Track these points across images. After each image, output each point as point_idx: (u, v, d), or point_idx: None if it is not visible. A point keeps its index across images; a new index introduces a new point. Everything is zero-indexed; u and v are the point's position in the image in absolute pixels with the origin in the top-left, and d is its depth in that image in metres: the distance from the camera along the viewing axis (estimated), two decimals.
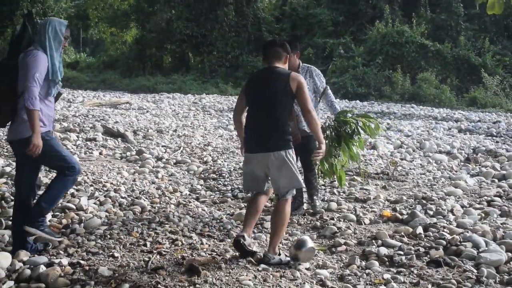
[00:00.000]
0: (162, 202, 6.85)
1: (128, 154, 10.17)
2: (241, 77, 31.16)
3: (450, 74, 27.58)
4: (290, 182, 4.85)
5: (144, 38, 37.20)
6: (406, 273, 4.65)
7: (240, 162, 9.59)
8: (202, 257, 4.83)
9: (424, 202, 6.97)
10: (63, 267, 4.48)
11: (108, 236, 5.40)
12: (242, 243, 4.67)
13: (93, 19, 43.97)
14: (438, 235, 5.54)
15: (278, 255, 4.78)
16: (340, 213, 6.53)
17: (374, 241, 5.44)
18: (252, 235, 5.00)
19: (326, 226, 5.94)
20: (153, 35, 35.76)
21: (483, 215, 6.40)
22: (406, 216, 6.32)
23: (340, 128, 6.25)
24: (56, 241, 5.07)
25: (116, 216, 6.18)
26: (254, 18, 34.71)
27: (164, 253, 4.94)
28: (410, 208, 6.72)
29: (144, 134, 12.46)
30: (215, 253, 4.98)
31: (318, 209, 6.52)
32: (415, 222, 5.99)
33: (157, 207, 6.62)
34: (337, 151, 6.32)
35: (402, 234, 5.67)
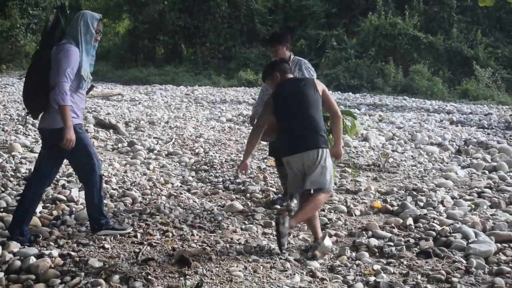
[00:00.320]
0: (153, 194, 6.84)
1: (119, 145, 10.15)
2: (233, 68, 31.11)
3: (442, 66, 27.62)
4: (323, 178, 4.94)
5: (136, 30, 37.05)
6: (396, 264, 4.67)
7: (231, 154, 9.60)
8: (192, 248, 4.84)
9: (414, 193, 7.00)
10: (53, 259, 4.47)
11: None
12: None
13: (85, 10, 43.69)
14: (428, 226, 5.57)
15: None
16: (331, 204, 6.55)
17: (364, 232, 5.47)
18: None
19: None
20: (145, 27, 35.64)
21: (473, 207, 6.43)
22: (397, 207, 6.35)
23: None
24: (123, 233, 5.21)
25: (107, 207, 6.14)
26: (247, 9, 34.62)
27: (154, 244, 4.94)
28: (401, 199, 6.75)
29: (136, 126, 12.44)
30: (206, 244, 4.99)
31: (292, 208, 6.13)
32: (406, 213, 6.02)
33: (148, 199, 6.61)
34: None
35: (393, 225, 5.70)
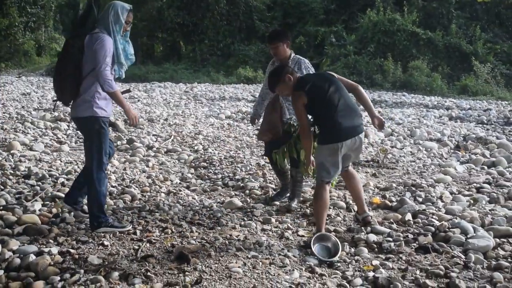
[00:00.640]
0: (152, 191, 6.85)
1: (118, 143, 10.15)
2: (232, 65, 31.04)
3: (441, 62, 27.56)
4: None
5: (135, 27, 36.87)
6: (394, 259, 4.69)
7: (230, 151, 9.61)
8: (192, 245, 4.85)
9: (413, 189, 7.02)
10: (53, 256, 4.48)
11: None
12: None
13: (83, 8, 43.60)
14: (427, 222, 5.58)
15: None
16: (330, 200, 6.54)
17: (363, 228, 5.47)
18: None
19: None
20: (144, 24, 35.52)
21: (472, 202, 6.44)
22: (396, 203, 6.36)
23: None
24: (121, 230, 5.23)
25: (106, 205, 6.16)
26: (245, 6, 34.54)
27: (154, 241, 4.95)
28: (400, 195, 6.76)
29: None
30: (205, 241, 5.00)
31: (293, 209, 6.26)
32: (404, 209, 6.03)
33: (147, 196, 6.62)
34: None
35: (391, 221, 5.71)
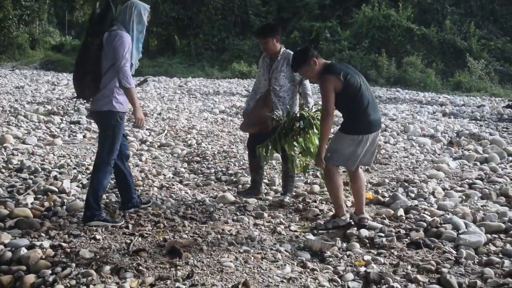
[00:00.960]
0: (145, 185, 6.85)
1: None
2: (227, 60, 31.00)
3: (435, 58, 27.60)
4: None
5: None
6: (386, 254, 4.70)
7: (224, 145, 9.60)
8: (184, 239, 4.85)
9: (406, 184, 7.01)
10: (45, 250, 4.47)
11: None
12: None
13: (78, 1, 43.51)
14: (419, 217, 5.59)
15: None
16: (322, 195, 6.56)
17: (356, 227, 5.47)
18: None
19: (309, 208, 5.98)
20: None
21: (464, 198, 6.45)
22: (388, 198, 6.37)
23: (294, 121, 5.80)
24: (113, 225, 5.24)
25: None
26: (240, 0, 34.43)
27: (146, 235, 4.95)
28: (392, 190, 6.77)
29: (128, 117, 12.39)
30: (197, 235, 5.00)
31: (286, 204, 6.22)
32: (397, 204, 6.04)
33: (140, 190, 6.60)
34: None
35: (384, 216, 5.72)
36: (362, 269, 4.34)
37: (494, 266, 4.37)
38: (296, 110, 6.07)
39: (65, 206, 5.75)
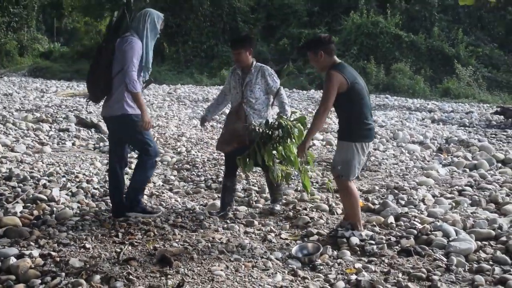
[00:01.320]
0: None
1: (101, 144, 10.12)
2: (216, 67, 30.94)
3: (424, 65, 27.68)
4: None
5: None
6: (377, 262, 4.70)
7: (214, 153, 9.57)
8: (174, 248, 4.83)
9: (396, 192, 7.01)
10: (34, 259, 4.44)
11: (80, 227, 5.36)
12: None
13: (67, 8, 43.37)
14: (409, 225, 5.60)
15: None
16: (313, 203, 6.56)
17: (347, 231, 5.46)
18: None
19: (299, 216, 5.97)
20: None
21: (454, 205, 6.46)
22: (378, 206, 6.38)
23: (272, 130, 5.64)
24: (156, 216, 5.68)
25: (88, 207, 6.13)
26: (229, 7, 34.47)
27: (136, 244, 4.92)
28: (382, 198, 6.78)
29: None
30: (188, 243, 4.97)
31: (276, 212, 6.18)
32: (387, 211, 6.04)
33: None
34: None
35: (374, 223, 5.72)
36: (353, 277, 4.33)
37: (484, 273, 4.39)
38: (271, 120, 5.94)
39: (54, 215, 5.72)
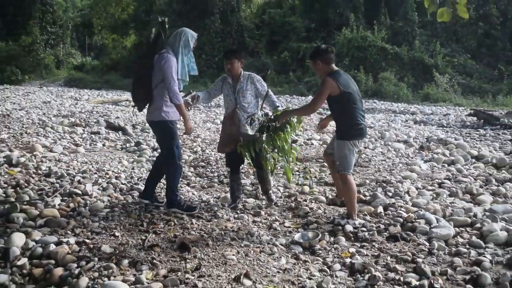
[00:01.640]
0: (157, 188, 6.78)
1: (127, 145, 10.10)
2: None
3: (406, 73, 27.61)
4: None
5: (141, 44, 36.82)
6: (368, 247, 4.67)
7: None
8: (192, 235, 4.82)
9: (384, 185, 6.97)
10: (71, 246, 4.44)
11: (110, 218, 5.35)
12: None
13: (96, 27, 43.47)
14: (396, 214, 5.56)
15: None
16: (312, 195, 6.53)
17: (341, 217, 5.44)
18: None
19: (300, 207, 5.95)
20: (146, 41, 35.40)
21: (435, 196, 6.43)
22: (369, 197, 6.34)
23: (270, 122, 5.56)
24: (193, 213, 5.57)
25: (117, 200, 6.12)
26: (237, 25, 34.48)
27: (159, 232, 4.91)
28: (372, 190, 6.73)
29: (142, 128, 12.37)
30: (204, 232, 4.96)
31: (274, 202, 6.13)
32: (376, 202, 6.01)
33: None
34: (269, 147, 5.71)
35: (365, 213, 5.68)
36: (348, 260, 4.32)
37: (462, 256, 4.36)
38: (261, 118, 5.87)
39: (87, 207, 5.71)
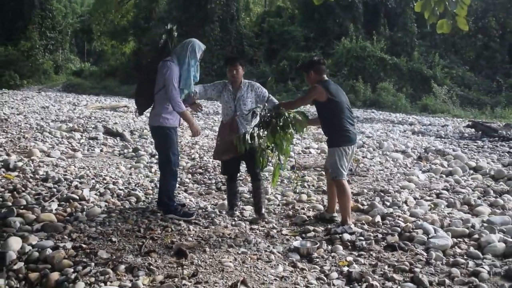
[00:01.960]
0: (154, 194, 6.78)
1: (125, 151, 10.10)
2: None
3: (405, 84, 27.66)
4: None
5: (140, 50, 36.92)
6: (366, 256, 4.67)
7: None
8: (189, 241, 4.81)
9: (382, 194, 6.98)
10: (67, 250, 4.44)
11: (107, 223, 5.34)
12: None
13: (96, 33, 43.66)
14: (393, 223, 5.57)
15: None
16: (309, 203, 6.54)
17: (334, 226, 5.44)
18: None
19: (298, 215, 5.95)
20: (148, 48, 35.49)
21: (433, 206, 6.43)
22: (367, 206, 6.34)
23: (272, 118, 5.27)
24: (190, 219, 5.55)
25: (114, 205, 6.11)
26: (236, 33, 34.57)
27: (156, 238, 4.90)
28: (370, 199, 6.73)
29: (139, 134, 12.37)
30: (201, 238, 4.96)
31: (266, 218, 5.83)
32: (374, 211, 6.01)
33: (150, 198, 6.57)
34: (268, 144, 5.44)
35: (363, 222, 5.69)
36: (345, 268, 4.31)
37: (460, 267, 4.36)
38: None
39: (85, 212, 5.71)
